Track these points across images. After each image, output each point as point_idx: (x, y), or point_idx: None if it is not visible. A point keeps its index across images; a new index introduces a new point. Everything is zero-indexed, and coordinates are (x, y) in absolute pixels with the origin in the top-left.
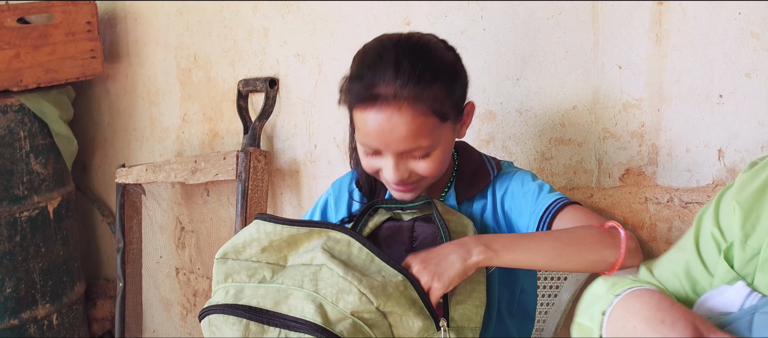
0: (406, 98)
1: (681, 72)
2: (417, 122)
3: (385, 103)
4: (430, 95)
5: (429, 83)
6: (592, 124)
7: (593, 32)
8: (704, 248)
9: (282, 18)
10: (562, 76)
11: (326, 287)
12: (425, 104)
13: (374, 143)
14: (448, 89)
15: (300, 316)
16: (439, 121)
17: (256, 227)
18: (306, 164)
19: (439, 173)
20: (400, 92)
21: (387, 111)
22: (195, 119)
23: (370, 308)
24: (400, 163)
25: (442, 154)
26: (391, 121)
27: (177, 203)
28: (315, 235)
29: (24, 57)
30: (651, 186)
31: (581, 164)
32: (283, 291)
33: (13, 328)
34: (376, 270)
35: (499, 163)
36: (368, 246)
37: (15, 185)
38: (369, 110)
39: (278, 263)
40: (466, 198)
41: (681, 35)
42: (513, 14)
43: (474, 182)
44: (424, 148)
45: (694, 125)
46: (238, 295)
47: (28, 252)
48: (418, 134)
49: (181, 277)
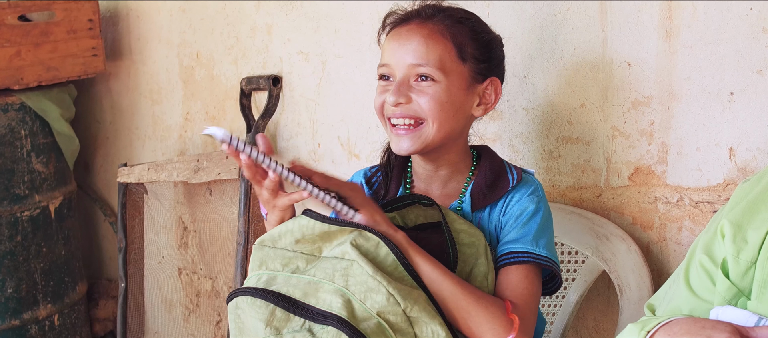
0: (433, 20)
1: (691, 69)
2: (433, 39)
3: (411, 21)
4: (456, 27)
5: (461, 21)
6: (601, 122)
7: (602, 29)
8: (695, 282)
9: (285, 15)
10: (570, 74)
11: (356, 284)
12: (447, 28)
13: (387, 59)
14: (477, 38)
15: (327, 309)
16: (456, 54)
17: (294, 221)
18: (310, 163)
19: (437, 122)
20: (430, 16)
21: (410, 24)
22: (198, 118)
23: (397, 310)
24: (403, 83)
25: (446, 95)
26: (410, 33)
27: (179, 202)
28: (347, 231)
29: (25, 55)
30: (661, 185)
31: (589, 162)
32: (314, 284)
33: (15, 329)
34: (399, 276)
35: (520, 171)
36: (395, 252)
37: (16, 185)
38: (394, 31)
39: (313, 253)
40: (481, 207)
41: (691, 31)
42: (520, 10)
43: (491, 191)
44: (429, 66)
45: (704, 123)
46: (270, 282)
47: (29, 252)
48: (428, 49)
49: (184, 277)
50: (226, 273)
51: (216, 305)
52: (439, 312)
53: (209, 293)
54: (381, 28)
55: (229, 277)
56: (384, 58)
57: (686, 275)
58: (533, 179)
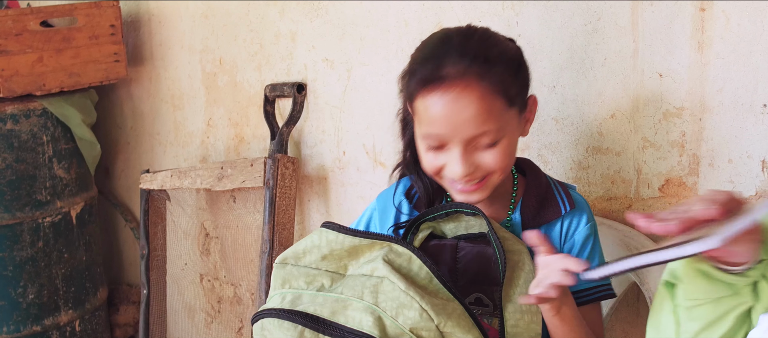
0: (475, 76)
1: (724, 80)
2: (486, 101)
3: (452, 82)
4: (497, 74)
5: (496, 62)
6: (631, 133)
7: (633, 39)
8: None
9: (310, 22)
10: (600, 84)
11: (387, 300)
12: (493, 83)
13: (440, 129)
14: (514, 72)
15: (357, 328)
16: (506, 104)
17: (319, 234)
18: (334, 171)
19: (506, 167)
20: (468, 69)
21: (455, 90)
22: (220, 124)
23: (430, 325)
24: (467, 153)
25: (510, 146)
26: (459, 101)
27: (202, 208)
28: (377, 246)
29: (47, 61)
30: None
31: (619, 173)
32: (342, 301)
33: (36, 335)
34: (433, 290)
35: (567, 190)
36: (429, 265)
37: (38, 191)
38: (435, 92)
39: (338, 272)
40: (533, 225)
41: (724, 43)
42: (549, 20)
43: (542, 209)
44: (492, 132)
45: (736, 135)
46: (295, 301)
47: (50, 258)
48: (487, 114)
49: (206, 284)
50: (248, 280)
51: (238, 312)
52: (477, 324)
53: (231, 300)
54: (408, 75)
55: (253, 285)
56: (432, 126)
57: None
58: (582, 199)
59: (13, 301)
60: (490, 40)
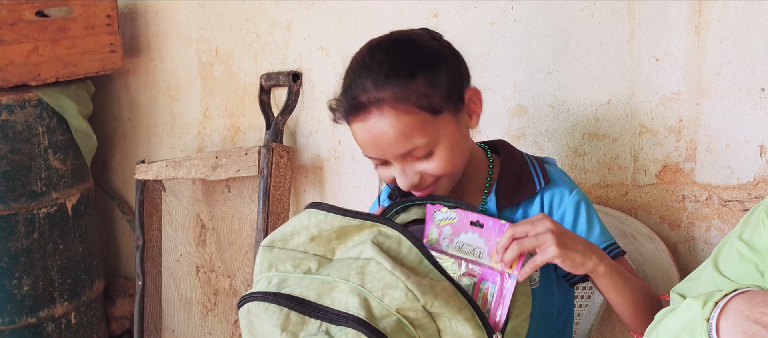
0: (386, 100)
1: (721, 64)
2: (403, 122)
3: (366, 110)
4: (413, 90)
5: (406, 79)
6: (628, 118)
7: (629, 23)
8: (724, 266)
9: (305, 10)
10: (596, 69)
11: (373, 281)
12: (408, 101)
13: (371, 152)
14: (432, 80)
15: (343, 309)
16: (430, 115)
17: (308, 215)
18: (330, 160)
19: (454, 169)
20: (377, 95)
21: (370, 118)
22: (216, 114)
23: (416, 306)
24: (406, 167)
25: (450, 149)
26: (376, 127)
27: (197, 199)
28: (366, 228)
29: (42, 51)
30: (689, 184)
31: (616, 160)
32: (328, 283)
33: (31, 327)
34: (424, 272)
35: (542, 165)
36: (418, 247)
37: (33, 181)
38: (356, 120)
39: (325, 255)
40: (508, 205)
41: (721, 26)
42: (545, 5)
43: (518, 188)
44: (422, 146)
45: (734, 120)
46: (282, 284)
47: (46, 250)
48: (408, 133)
49: (201, 275)
50: (244, 272)
51: (234, 303)
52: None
53: (227, 291)
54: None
55: (248, 275)
56: (365, 150)
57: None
58: (558, 171)
59: (8, 292)
60: (408, 53)
